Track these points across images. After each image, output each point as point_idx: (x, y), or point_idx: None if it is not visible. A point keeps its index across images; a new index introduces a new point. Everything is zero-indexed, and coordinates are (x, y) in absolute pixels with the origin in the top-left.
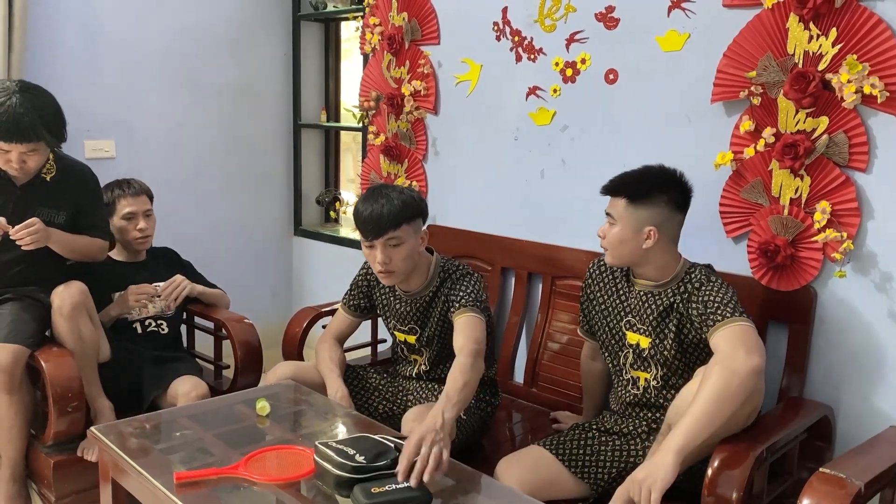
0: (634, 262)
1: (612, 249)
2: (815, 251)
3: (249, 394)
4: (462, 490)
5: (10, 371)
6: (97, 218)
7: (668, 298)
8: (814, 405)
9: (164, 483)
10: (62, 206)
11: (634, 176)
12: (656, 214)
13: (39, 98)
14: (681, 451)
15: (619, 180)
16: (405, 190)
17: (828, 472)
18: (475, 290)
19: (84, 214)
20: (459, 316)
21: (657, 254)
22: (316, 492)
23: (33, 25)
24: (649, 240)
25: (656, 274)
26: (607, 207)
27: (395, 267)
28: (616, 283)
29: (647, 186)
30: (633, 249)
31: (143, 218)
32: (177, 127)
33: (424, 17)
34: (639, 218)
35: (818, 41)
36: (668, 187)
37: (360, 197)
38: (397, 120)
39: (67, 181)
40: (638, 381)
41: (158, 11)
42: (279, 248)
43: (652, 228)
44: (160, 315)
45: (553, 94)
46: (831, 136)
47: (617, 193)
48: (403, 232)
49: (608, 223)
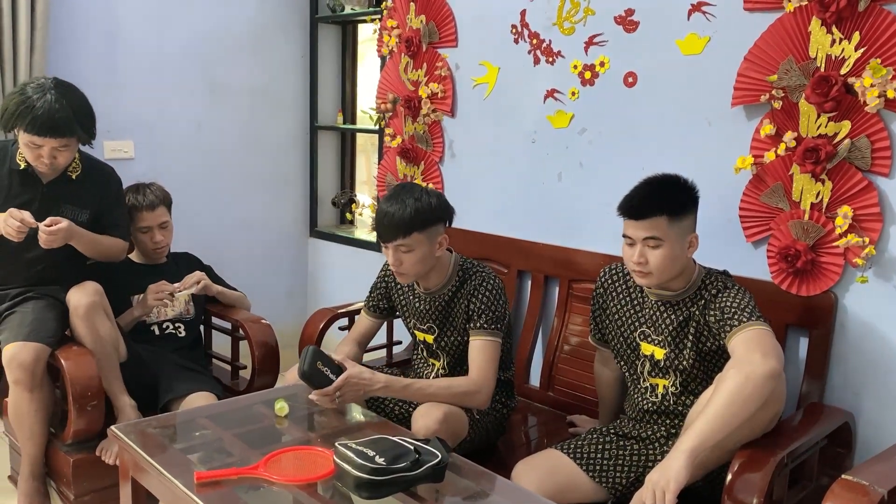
0: (675, 276)
1: (661, 272)
2: (836, 256)
3: (268, 394)
4: (480, 493)
5: (31, 369)
6: (118, 217)
7: (685, 309)
8: (834, 411)
9: (184, 482)
10: (86, 204)
11: (658, 191)
12: (692, 221)
13: (73, 94)
14: (692, 452)
15: (651, 199)
16: (425, 195)
17: (850, 478)
18: (496, 303)
19: (107, 214)
20: (477, 338)
21: (688, 263)
22: (333, 492)
23: (55, 26)
24: (692, 247)
25: (678, 284)
26: (643, 232)
27: (406, 270)
28: (630, 293)
29: (679, 197)
30: (681, 264)
31: (159, 230)
32: (195, 128)
33: (442, 19)
34: (682, 230)
35: (841, 45)
36: (688, 192)
37: (385, 193)
38: (414, 122)
39: (92, 180)
40: (657, 388)
41: (178, 13)
42: (295, 249)
43: (693, 235)
44: (179, 318)
45: (571, 97)
46: (853, 140)
47: (655, 213)
48: (414, 240)
49: (647, 246)
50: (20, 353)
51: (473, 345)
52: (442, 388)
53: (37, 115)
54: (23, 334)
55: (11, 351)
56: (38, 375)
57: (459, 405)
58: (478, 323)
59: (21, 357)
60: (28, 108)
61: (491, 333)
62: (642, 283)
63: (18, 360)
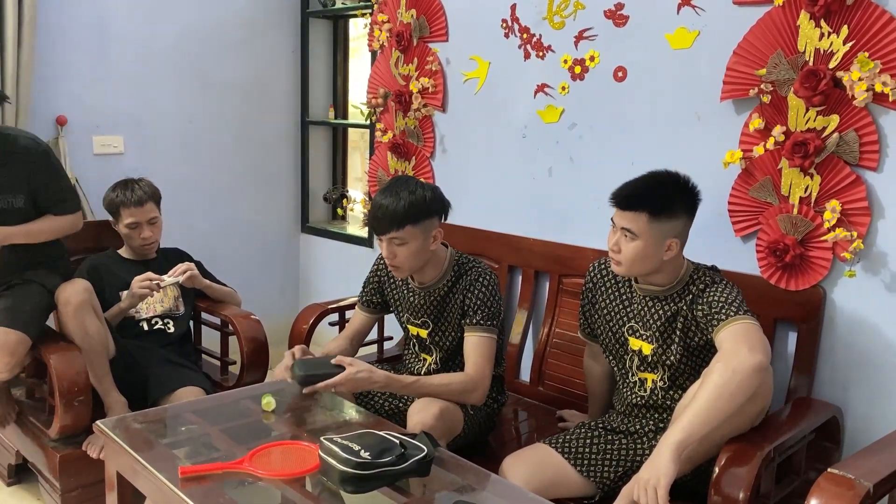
0: (649, 272)
1: (630, 264)
2: (824, 250)
3: (255, 389)
4: (467, 487)
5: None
6: (58, 191)
7: (673, 304)
8: (822, 405)
9: (168, 477)
10: (17, 188)
11: (651, 187)
12: (677, 225)
13: None
14: (678, 446)
15: (638, 193)
16: (420, 188)
17: (836, 472)
18: (491, 299)
19: (42, 191)
20: (472, 334)
21: (671, 262)
22: (321, 487)
23: (43, 21)
24: (670, 251)
25: (664, 279)
26: (623, 222)
27: (400, 263)
28: (619, 288)
29: (668, 199)
30: (653, 263)
31: (148, 226)
32: (185, 123)
33: (433, 14)
34: (662, 232)
35: (829, 39)
36: (684, 196)
37: (381, 186)
38: (405, 117)
39: (14, 160)
40: (645, 382)
41: (168, 7)
42: (287, 245)
43: (674, 240)
44: (168, 314)
45: (562, 91)
46: (842, 134)
47: (637, 208)
48: (407, 233)
49: (624, 236)
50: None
51: (469, 341)
52: (441, 384)
53: None
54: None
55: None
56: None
57: (457, 401)
58: (474, 319)
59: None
60: None
61: (487, 329)
62: (614, 269)
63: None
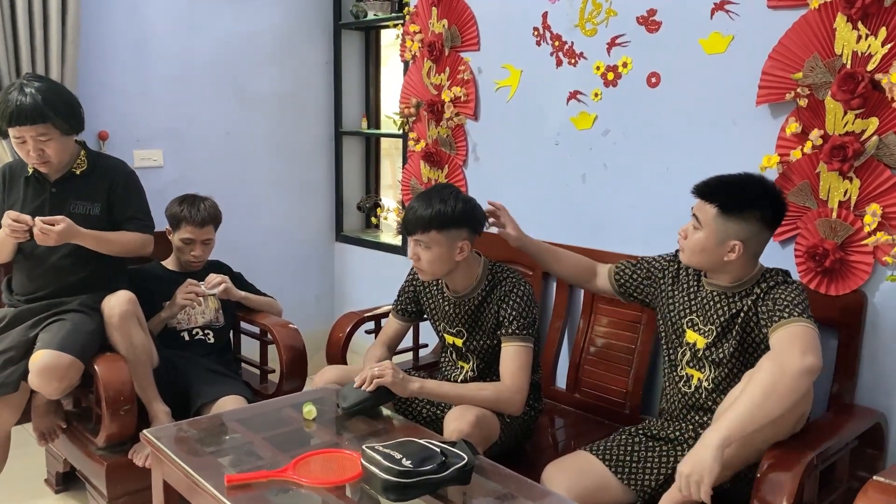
0: (709, 269)
1: (690, 253)
2: (865, 255)
3: (296, 398)
4: (509, 496)
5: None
6: (134, 210)
7: (739, 301)
8: (866, 412)
9: (214, 485)
10: (95, 198)
11: (732, 184)
12: (745, 229)
13: (45, 84)
14: (723, 441)
15: (716, 185)
16: (453, 199)
17: (883, 480)
18: (526, 309)
19: (118, 205)
20: (509, 344)
21: (736, 266)
22: (361, 495)
23: (85, 37)
24: (732, 253)
25: (729, 280)
26: (695, 208)
27: (423, 266)
28: (689, 279)
29: (743, 199)
30: (712, 259)
31: (201, 245)
32: (223, 135)
33: (464, 23)
34: (727, 230)
35: (867, 41)
36: (764, 203)
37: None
38: (437, 126)
39: (99, 174)
40: (691, 379)
41: (205, 22)
42: (322, 253)
43: (738, 243)
44: (208, 325)
45: (594, 98)
46: (881, 137)
47: (709, 199)
48: (431, 238)
49: (692, 225)
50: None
51: (506, 351)
52: (478, 394)
53: (8, 107)
54: (56, 344)
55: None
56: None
57: (493, 410)
58: (509, 329)
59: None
60: (2, 103)
61: (523, 339)
62: (680, 256)
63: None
